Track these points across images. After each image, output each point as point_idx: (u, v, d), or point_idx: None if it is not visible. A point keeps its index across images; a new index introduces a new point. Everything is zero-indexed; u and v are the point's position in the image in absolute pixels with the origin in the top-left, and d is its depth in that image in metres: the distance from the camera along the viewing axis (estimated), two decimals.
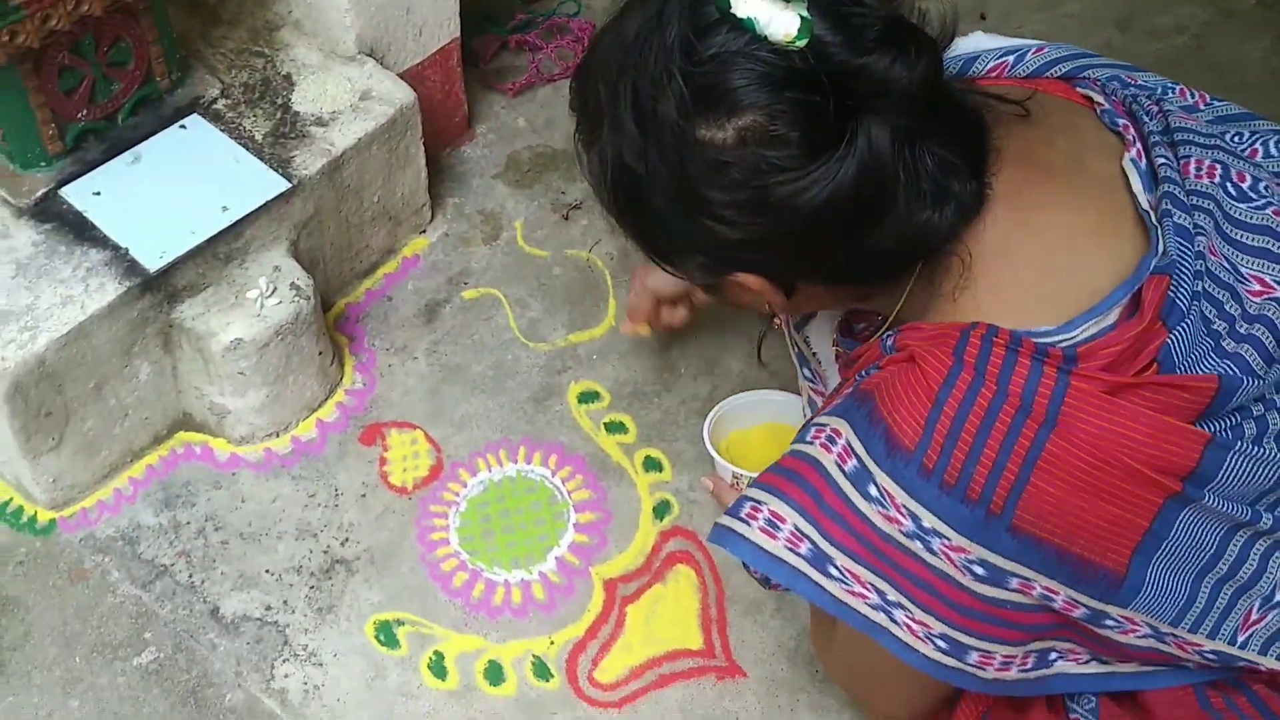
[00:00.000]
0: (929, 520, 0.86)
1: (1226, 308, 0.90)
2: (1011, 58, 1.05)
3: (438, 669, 1.29)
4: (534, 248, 1.63)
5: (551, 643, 1.31)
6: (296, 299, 1.37)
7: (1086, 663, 0.95)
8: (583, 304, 1.58)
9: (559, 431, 1.47)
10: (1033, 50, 1.05)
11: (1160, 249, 0.89)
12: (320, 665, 1.29)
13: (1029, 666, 0.93)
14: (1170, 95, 1.02)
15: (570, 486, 1.43)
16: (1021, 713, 0.99)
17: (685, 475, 1.43)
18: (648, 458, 1.45)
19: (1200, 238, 0.91)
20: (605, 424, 1.48)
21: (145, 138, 1.41)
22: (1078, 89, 1.01)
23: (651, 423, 1.48)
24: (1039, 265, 0.90)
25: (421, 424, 1.47)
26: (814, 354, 1.17)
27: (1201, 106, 1.04)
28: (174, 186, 1.37)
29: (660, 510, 1.41)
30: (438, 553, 1.37)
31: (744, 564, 1.04)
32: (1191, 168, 0.95)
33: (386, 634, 1.31)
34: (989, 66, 1.05)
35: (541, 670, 1.29)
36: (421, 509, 1.40)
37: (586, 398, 1.50)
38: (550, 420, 1.48)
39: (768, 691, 1.28)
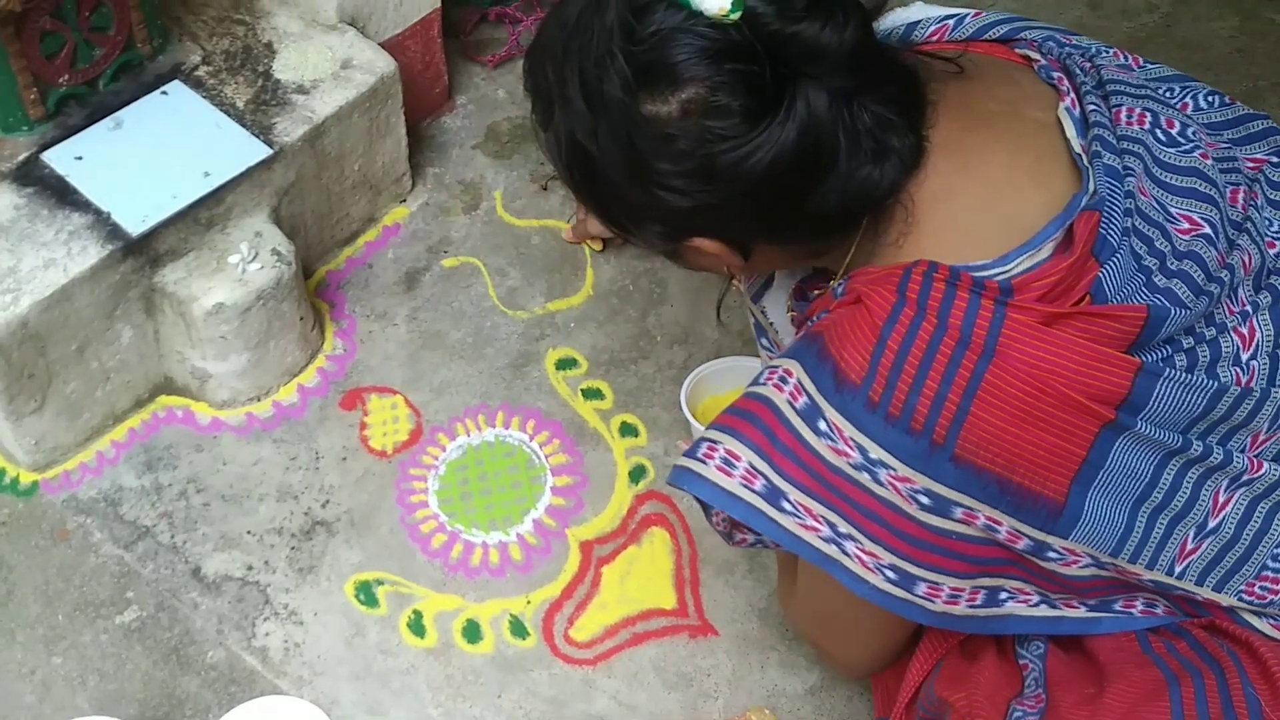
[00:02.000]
0: (876, 452, 0.90)
1: (1157, 244, 0.94)
2: (951, 22, 1.09)
3: (416, 627, 1.32)
4: (513, 217, 1.65)
5: (528, 602, 1.34)
6: (278, 264, 1.38)
7: (1036, 605, 0.98)
8: (561, 273, 1.60)
9: (537, 397, 1.49)
10: (971, 15, 1.09)
11: (1091, 188, 0.92)
12: (301, 624, 1.31)
13: (978, 603, 0.96)
14: (1105, 55, 1.06)
15: (547, 451, 1.45)
16: (973, 659, 1.02)
17: (660, 440, 1.46)
18: (624, 423, 1.48)
19: (1130, 178, 0.94)
20: (582, 390, 1.50)
21: (126, 104, 1.42)
22: (1015, 50, 1.05)
23: (628, 389, 1.50)
24: (977, 205, 0.94)
25: (401, 389, 1.49)
26: (771, 324, 1.20)
27: (1135, 68, 1.08)
28: (155, 152, 1.39)
29: (636, 474, 1.43)
30: (417, 515, 1.40)
31: (704, 512, 1.08)
32: (1123, 115, 0.99)
33: (366, 593, 1.34)
34: (929, 31, 1.09)
35: (518, 629, 1.32)
36: (401, 472, 1.42)
37: (564, 364, 1.52)
38: (528, 386, 1.50)
39: (739, 649, 1.32)
